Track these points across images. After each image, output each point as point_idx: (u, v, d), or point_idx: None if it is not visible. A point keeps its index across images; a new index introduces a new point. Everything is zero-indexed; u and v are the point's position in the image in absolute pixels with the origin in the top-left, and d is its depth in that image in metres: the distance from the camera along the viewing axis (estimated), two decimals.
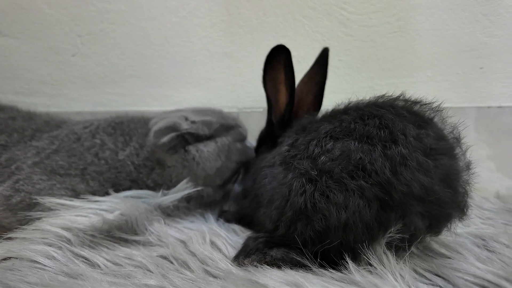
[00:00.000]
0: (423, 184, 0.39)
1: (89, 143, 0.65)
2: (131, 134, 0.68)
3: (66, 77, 1.02)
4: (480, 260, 0.43)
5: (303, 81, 0.64)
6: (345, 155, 0.41)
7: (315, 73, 0.64)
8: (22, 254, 0.45)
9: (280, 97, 0.59)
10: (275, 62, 0.57)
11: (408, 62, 0.91)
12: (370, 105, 0.47)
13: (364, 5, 0.91)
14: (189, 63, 0.99)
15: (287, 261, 0.43)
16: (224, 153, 0.68)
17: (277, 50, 0.57)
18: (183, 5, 0.97)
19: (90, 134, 0.67)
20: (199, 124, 0.67)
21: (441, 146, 0.42)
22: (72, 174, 0.62)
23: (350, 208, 0.39)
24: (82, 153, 0.64)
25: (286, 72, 0.57)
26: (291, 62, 0.57)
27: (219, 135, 0.69)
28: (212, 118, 0.69)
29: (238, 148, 0.71)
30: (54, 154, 0.63)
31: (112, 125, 0.69)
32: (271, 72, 0.58)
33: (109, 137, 0.67)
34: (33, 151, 0.63)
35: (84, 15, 0.99)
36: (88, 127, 0.68)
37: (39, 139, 0.65)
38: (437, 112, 0.47)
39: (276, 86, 0.59)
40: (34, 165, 0.61)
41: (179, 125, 0.65)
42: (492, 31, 0.87)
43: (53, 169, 0.61)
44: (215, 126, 0.69)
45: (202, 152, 0.66)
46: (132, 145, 0.67)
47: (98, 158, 0.64)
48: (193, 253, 0.48)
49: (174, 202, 0.63)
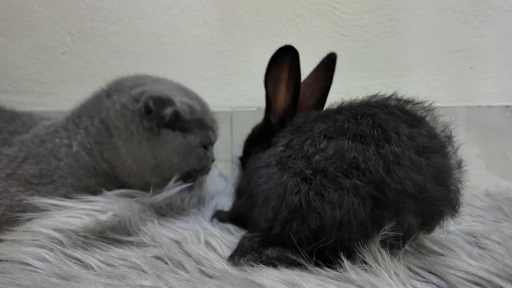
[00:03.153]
0: (416, 182, 0.39)
1: (51, 145, 0.61)
2: (81, 114, 0.63)
3: (56, 76, 1.01)
4: (472, 257, 0.44)
5: (306, 83, 0.64)
6: (339, 154, 0.41)
7: (320, 77, 0.63)
8: (12, 256, 0.44)
9: (278, 97, 0.58)
10: (280, 61, 0.56)
11: (400, 62, 0.92)
12: (363, 105, 0.47)
13: (357, 5, 0.92)
14: (181, 61, 0.98)
15: (283, 260, 0.43)
16: (184, 153, 0.64)
17: (285, 50, 0.55)
18: (175, 3, 0.96)
19: (51, 134, 0.63)
20: (186, 106, 0.62)
21: (433, 144, 0.42)
22: (45, 183, 0.59)
23: (345, 207, 0.39)
24: (47, 157, 0.60)
25: (290, 73, 0.56)
26: (297, 64, 0.56)
27: (191, 130, 0.65)
28: (197, 104, 0.65)
29: (199, 154, 0.67)
30: (23, 163, 0.59)
31: (66, 117, 0.65)
32: (275, 71, 0.57)
33: (65, 132, 0.62)
34: (5, 161, 0.59)
35: (75, 13, 0.97)
36: (50, 127, 0.64)
37: (11, 144, 0.61)
38: (429, 111, 0.47)
39: (276, 86, 0.58)
40: (8, 177, 0.58)
41: (173, 100, 0.59)
42: (482, 31, 0.89)
43: (27, 179, 0.58)
44: (195, 115, 0.64)
45: (167, 144, 0.62)
46: (82, 126, 0.62)
47: (58, 160, 0.60)
48: (187, 253, 0.48)
49: (166, 201, 0.62)
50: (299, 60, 0.56)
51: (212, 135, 0.70)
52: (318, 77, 0.64)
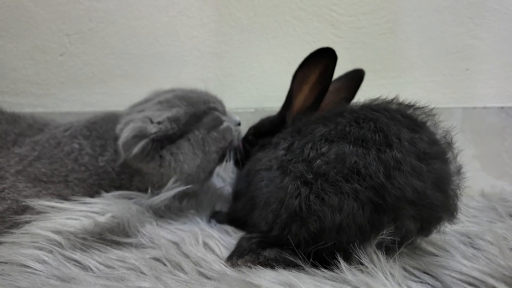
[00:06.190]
0: (416, 188, 0.39)
1: (68, 148, 0.63)
2: (106, 137, 0.65)
3: (54, 77, 1.01)
4: (466, 257, 0.44)
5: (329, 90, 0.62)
6: (340, 159, 0.41)
7: (344, 88, 0.63)
8: (12, 258, 0.44)
9: (300, 96, 0.57)
10: (315, 62, 0.55)
11: (396, 63, 0.93)
12: (364, 108, 0.47)
13: (353, 7, 0.92)
14: (179, 63, 0.98)
15: (280, 261, 0.43)
16: (200, 149, 0.65)
17: (324, 52, 0.54)
18: (173, 4, 0.96)
19: (69, 138, 0.65)
20: (166, 123, 0.62)
21: (434, 150, 0.42)
22: (56, 181, 0.60)
23: (345, 211, 0.39)
24: (63, 159, 0.62)
25: (320, 76, 0.55)
26: (332, 69, 0.55)
27: (191, 129, 0.65)
28: (179, 109, 0.64)
29: (215, 137, 0.66)
30: (36, 162, 0.61)
31: (87, 126, 0.67)
32: (306, 70, 0.56)
33: (86, 141, 0.65)
34: (16, 158, 0.61)
35: (72, 14, 0.97)
36: (68, 130, 0.66)
37: (22, 145, 0.64)
38: (430, 116, 0.47)
39: (301, 85, 0.57)
40: (18, 173, 0.59)
41: (145, 129, 0.60)
42: (477, 33, 0.90)
43: (37, 177, 0.60)
44: (183, 120, 0.63)
45: (177, 155, 0.63)
46: (109, 150, 0.64)
47: (78, 165, 0.62)
48: (186, 254, 0.48)
49: (165, 202, 0.63)
50: (335, 66, 0.55)
51: (214, 115, 0.68)
52: (342, 88, 0.63)
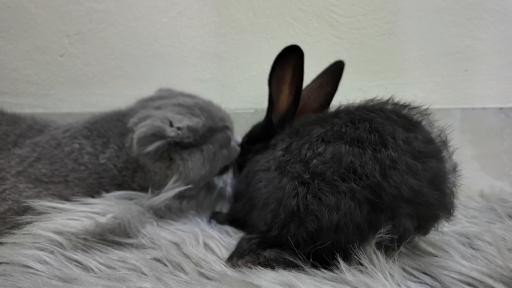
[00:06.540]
0: (412, 186, 0.40)
1: (68, 148, 0.64)
2: (108, 135, 0.66)
3: (54, 77, 1.01)
4: (465, 258, 0.44)
5: (312, 87, 0.64)
6: (336, 158, 0.41)
7: (326, 82, 0.64)
8: (13, 259, 0.44)
9: (282, 97, 0.58)
10: (285, 61, 0.56)
11: (396, 64, 0.93)
12: (360, 109, 0.48)
13: (353, 8, 0.92)
14: (179, 63, 0.99)
15: (280, 261, 0.43)
16: (209, 162, 0.67)
17: (290, 50, 0.55)
18: (173, 5, 0.96)
19: (69, 138, 0.65)
20: (185, 131, 0.63)
21: (429, 149, 0.43)
22: (56, 182, 0.61)
23: (342, 210, 0.39)
24: (63, 160, 0.62)
25: (294, 73, 0.56)
26: (302, 64, 0.56)
27: (205, 141, 0.67)
28: (199, 120, 0.65)
29: (224, 155, 0.70)
30: (36, 162, 0.61)
31: (87, 126, 0.67)
32: (279, 71, 0.57)
33: (87, 140, 0.65)
34: (17, 159, 0.62)
35: (72, 15, 0.97)
36: (68, 131, 0.67)
37: (22, 146, 0.64)
38: (425, 116, 0.48)
39: (280, 85, 0.58)
40: (18, 174, 0.60)
41: (164, 131, 0.61)
42: (477, 34, 0.90)
43: (37, 177, 0.60)
44: (201, 131, 0.65)
45: (187, 161, 0.64)
46: (111, 147, 0.65)
47: (78, 164, 0.62)
48: (186, 255, 0.48)
49: (165, 202, 0.63)
50: (303, 61, 0.56)
51: (228, 133, 0.71)
52: (324, 82, 0.64)
